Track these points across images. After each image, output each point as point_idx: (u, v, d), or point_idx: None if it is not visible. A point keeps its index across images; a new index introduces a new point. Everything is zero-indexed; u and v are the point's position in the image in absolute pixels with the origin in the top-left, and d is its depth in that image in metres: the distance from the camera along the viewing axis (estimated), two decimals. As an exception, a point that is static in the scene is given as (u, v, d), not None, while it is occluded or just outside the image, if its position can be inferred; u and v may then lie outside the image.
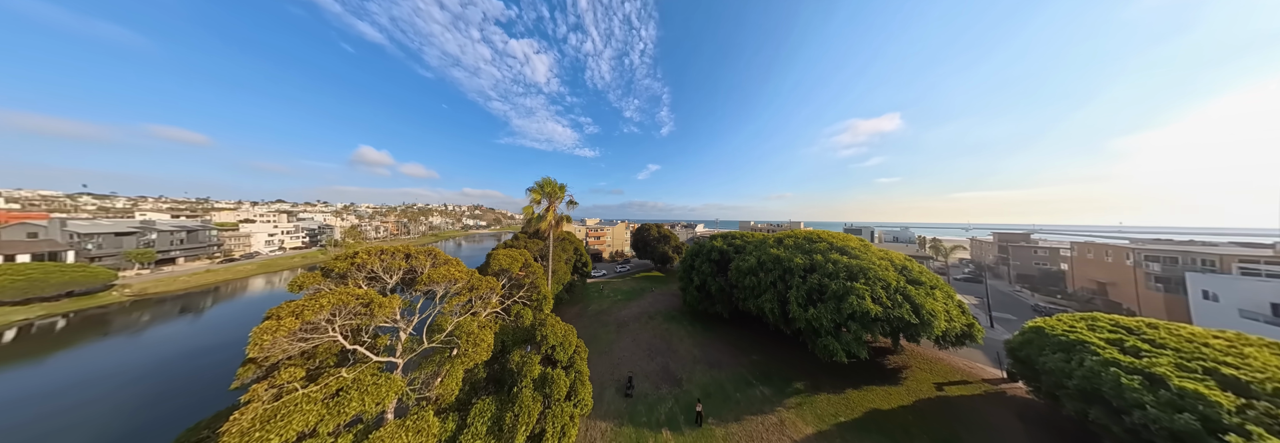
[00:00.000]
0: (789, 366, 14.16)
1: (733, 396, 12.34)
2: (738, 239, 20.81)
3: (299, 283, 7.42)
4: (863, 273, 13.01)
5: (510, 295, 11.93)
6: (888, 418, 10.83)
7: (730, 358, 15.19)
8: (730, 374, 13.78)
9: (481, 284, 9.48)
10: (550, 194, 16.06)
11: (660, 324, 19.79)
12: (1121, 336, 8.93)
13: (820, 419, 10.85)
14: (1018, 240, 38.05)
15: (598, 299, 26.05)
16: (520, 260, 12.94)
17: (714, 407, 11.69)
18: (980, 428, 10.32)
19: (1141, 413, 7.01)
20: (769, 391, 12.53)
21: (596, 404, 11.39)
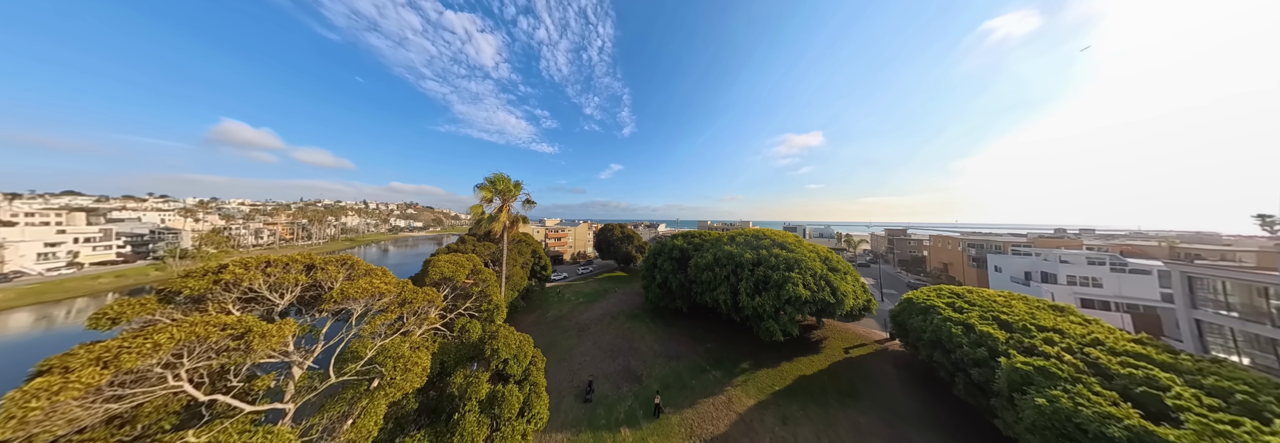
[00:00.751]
0: (737, 349, 15.57)
1: (689, 383, 13.04)
2: (696, 238, 22.00)
3: (112, 315, 5.09)
4: (797, 264, 15.06)
5: (454, 307, 10.39)
6: (810, 382, 12.88)
7: (688, 349, 15.99)
8: (687, 364, 14.53)
9: (417, 297, 8.01)
10: (503, 192, 14.42)
11: (623, 324, 19.72)
12: (953, 300, 12.26)
13: (760, 392, 12.28)
14: (899, 235, 49.51)
15: (558, 304, 24.73)
16: (467, 267, 11.38)
17: (672, 396, 12.20)
18: (871, 378, 13.06)
19: (960, 351, 9.77)
20: (720, 374, 13.61)
21: (554, 414, 10.81)
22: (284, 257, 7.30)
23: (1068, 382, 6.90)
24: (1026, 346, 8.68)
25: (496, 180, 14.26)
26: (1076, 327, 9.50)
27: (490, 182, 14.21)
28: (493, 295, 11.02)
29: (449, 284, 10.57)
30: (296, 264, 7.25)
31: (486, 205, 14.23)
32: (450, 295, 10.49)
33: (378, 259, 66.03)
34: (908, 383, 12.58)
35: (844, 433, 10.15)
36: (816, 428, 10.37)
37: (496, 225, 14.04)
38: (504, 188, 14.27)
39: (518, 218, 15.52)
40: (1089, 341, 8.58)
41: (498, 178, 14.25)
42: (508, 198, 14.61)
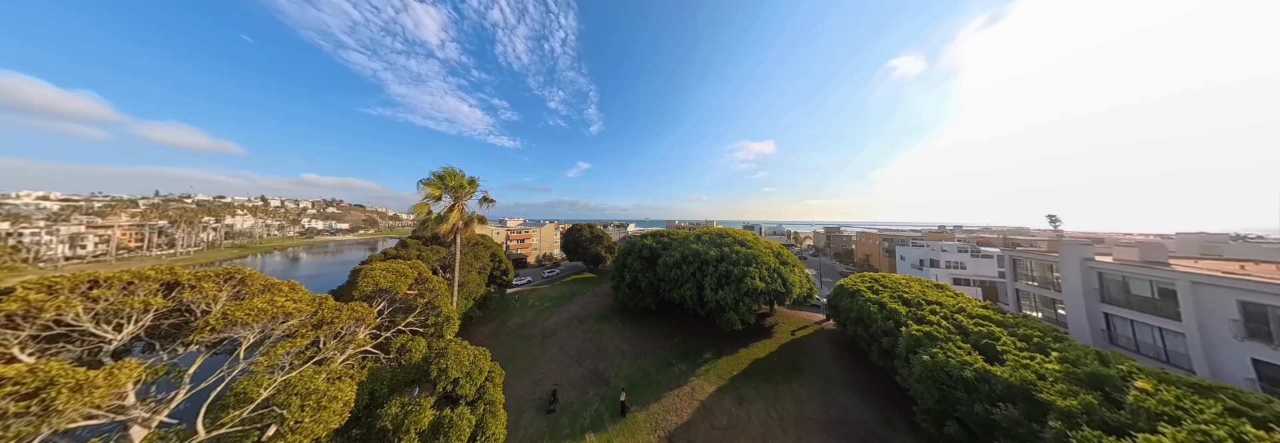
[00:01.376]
0: (701, 341, 16.40)
1: (655, 378, 13.31)
2: (665, 237, 22.51)
3: None
4: (755, 259, 16.41)
5: (393, 324, 8.83)
6: (763, 363, 14.24)
7: (655, 345, 16.31)
8: (654, 360, 14.82)
9: (339, 315, 6.55)
10: (455, 189, 12.62)
11: (591, 327, 19.22)
12: (872, 284, 14.77)
13: (720, 378, 13.17)
14: (834, 232, 58.17)
15: (520, 311, 23.05)
16: (409, 275, 9.78)
17: (639, 394, 12.32)
18: (811, 354, 14.99)
19: (876, 325, 11.90)
20: (685, 366, 14.19)
21: (513, 430, 10.15)
22: (125, 273, 5.29)
23: (943, 341, 8.80)
24: (919, 316, 10.83)
25: (446, 175, 12.46)
26: (950, 299, 12.21)
27: (439, 177, 12.35)
28: (442, 307, 9.65)
29: (386, 297, 8.95)
30: (147, 283, 5.32)
31: (434, 204, 12.37)
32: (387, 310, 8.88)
33: (284, 271, 53.26)
34: (838, 355, 14.72)
35: (788, 404, 11.44)
36: (766, 403, 11.48)
37: (446, 227, 12.22)
38: (456, 184, 12.46)
39: (473, 218, 13.80)
40: (956, 309, 11.09)
41: (448, 173, 12.46)
42: (461, 196, 12.87)
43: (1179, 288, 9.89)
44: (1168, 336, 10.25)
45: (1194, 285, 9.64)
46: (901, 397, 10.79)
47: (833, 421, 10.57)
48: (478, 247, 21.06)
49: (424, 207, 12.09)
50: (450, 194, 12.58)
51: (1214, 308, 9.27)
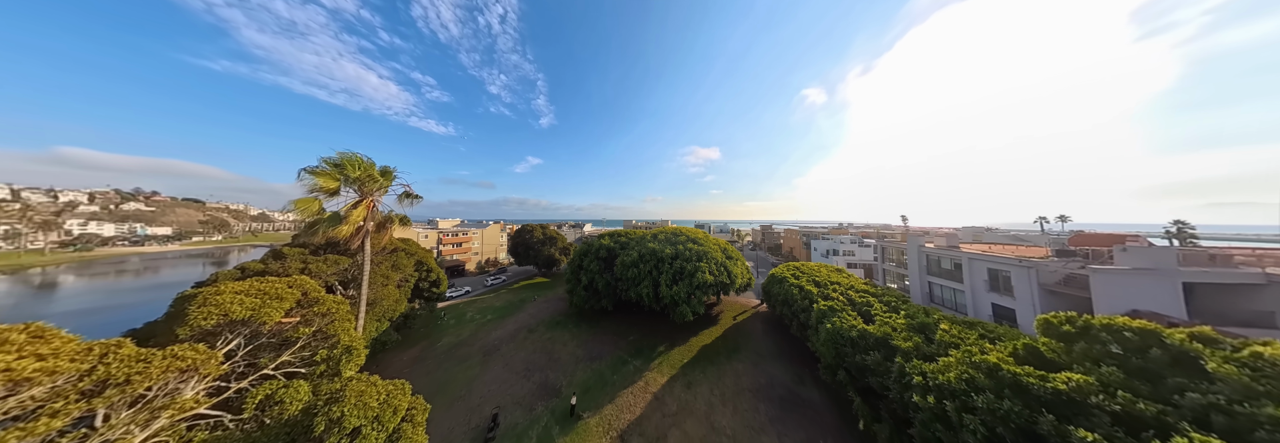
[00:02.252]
0: (656, 335, 17.08)
1: (610, 379, 13.26)
2: (623, 237, 22.53)
3: None
4: (705, 255, 17.82)
5: (257, 367, 6.42)
6: (709, 348, 15.73)
7: (611, 346, 16.25)
8: (609, 361, 14.76)
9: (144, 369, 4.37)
10: (362, 181, 9.68)
11: (542, 336, 17.96)
12: (795, 272, 17.83)
13: (672, 368, 13.97)
14: (768, 230, 68.17)
15: (456, 327, 19.95)
16: (286, 298, 7.27)
17: (593, 397, 12.09)
18: (748, 334, 17.21)
19: (796, 304, 14.50)
20: (640, 362, 14.55)
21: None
22: None
23: (840, 312, 11.25)
24: (825, 294, 13.57)
25: (347, 163, 9.45)
26: (845, 279, 15.67)
27: (335, 165, 9.31)
28: (339, 335, 7.49)
29: (243, 331, 6.43)
30: None
31: (327, 199, 9.40)
32: (247, 348, 6.40)
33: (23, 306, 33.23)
34: (768, 332, 17.31)
35: (728, 380, 12.90)
36: (711, 384, 12.68)
37: (347, 229, 9.30)
38: (362, 175, 9.51)
39: (391, 219, 10.98)
40: (848, 287, 14.31)
41: (349, 159, 9.46)
42: (371, 190, 10.04)
43: (963, 263, 14.80)
44: (957, 293, 15.28)
45: (969, 260, 14.56)
46: (811, 359, 13.33)
47: (761, 387, 12.35)
48: (398, 254, 17.04)
49: (311, 203, 9.03)
50: (355, 187, 9.78)
51: (976, 273, 14.20)
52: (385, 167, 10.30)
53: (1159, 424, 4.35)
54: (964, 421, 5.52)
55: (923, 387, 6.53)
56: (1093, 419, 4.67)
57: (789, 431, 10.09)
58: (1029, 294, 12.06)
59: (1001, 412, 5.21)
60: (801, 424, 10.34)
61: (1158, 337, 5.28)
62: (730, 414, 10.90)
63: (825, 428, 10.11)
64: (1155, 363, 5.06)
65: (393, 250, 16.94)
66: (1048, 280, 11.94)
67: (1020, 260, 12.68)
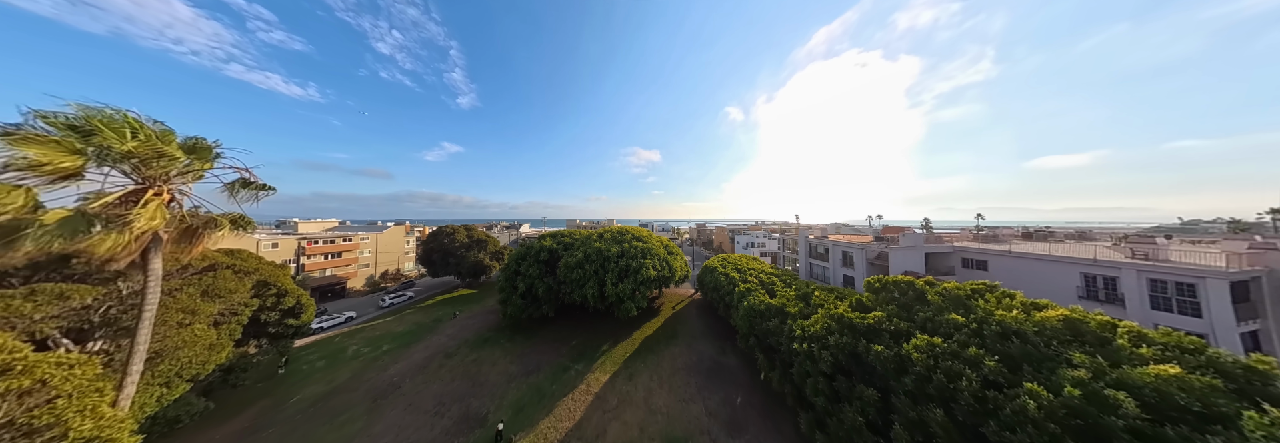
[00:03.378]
0: (600, 335, 17.25)
1: (549, 390, 12.54)
2: (566, 237, 21.67)
3: None
4: (649, 252, 18.95)
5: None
6: (651, 338, 16.88)
7: (551, 354, 15.50)
8: (549, 371, 14.00)
9: None
10: (140, 159, 6.15)
11: (465, 358, 15.42)
12: (723, 263, 20.97)
13: (615, 364, 14.32)
14: (702, 227, 76.52)
15: (326, 370, 14.86)
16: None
17: (528, 415, 11.10)
18: (685, 321, 19.23)
19: (723, 289, 17.21)
20: (583, 365, 14.30)
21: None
22: None
23: (754, 292, 13.96)
24: (745, 279, 16.52)
25: (102, 126, 5.77)
26: (758, 266, 19.45)
27: (71, 126, 5.55)
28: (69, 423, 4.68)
29: None
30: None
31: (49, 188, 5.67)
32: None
33: None
34: (701, 316, 19.83)
35: (665, 364, 14.18)
36: (650, 371, 13.60)
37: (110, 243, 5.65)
38: (141, 149, 5.96)
39: (213, 221, 7.28)
40: (761, 271, 17.85)
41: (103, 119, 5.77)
42: (159, 173, 6.47)
43: (830, 248, 20.33)
44: (826, 270, 20.88)
45: (833, 246, 20.13)
46: (732, 333, 15.98)
47: (692, 364, 14.09)
48: (217, 275, 11.42)
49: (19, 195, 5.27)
50: (130, 169, 6.24)
51: (835, 255, 19.78)
52: (197, 139, 6.95)
53: (907, 334, 7.22)
54: (820, 355, 7.77)
55: (801, 337, 8.82)
56: (881, 338, 7.35)
57: (711, 394, 11.81)
58: (861, 266, 17.65)
59: (838, 343, 7.59)
60: (722, 386, 12.28)
61: (911, 284, 8.69)
62: (665, 394, 11.93)
63: (739, 385, 12.32)
64: (909, 299, 8.33)
65: (209, 270, 11.43)
66: (871, 257, 17.76)
67: (858, 245, 18.43)
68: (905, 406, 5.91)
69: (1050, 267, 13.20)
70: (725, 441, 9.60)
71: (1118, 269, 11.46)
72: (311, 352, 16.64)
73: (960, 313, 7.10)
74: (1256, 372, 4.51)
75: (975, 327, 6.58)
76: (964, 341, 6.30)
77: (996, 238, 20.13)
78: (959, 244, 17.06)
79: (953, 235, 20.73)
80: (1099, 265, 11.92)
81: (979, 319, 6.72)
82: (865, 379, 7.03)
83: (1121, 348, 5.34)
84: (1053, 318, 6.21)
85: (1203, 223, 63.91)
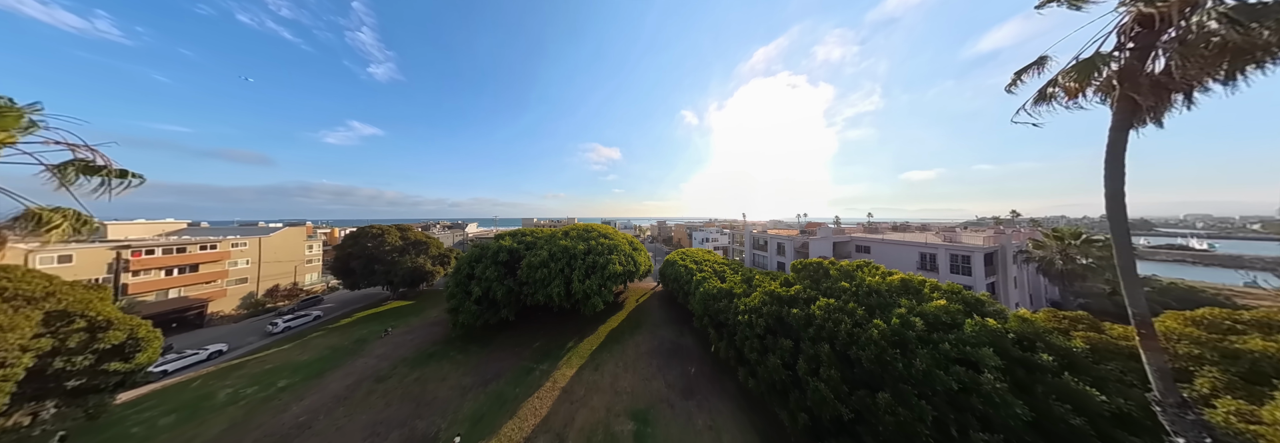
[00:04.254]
0: (565, 333, 17.37)
1: (511, 394, 11.98)
2: (527, 236, 20.95)
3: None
4: (615, 248, 19.76)
5: None
6: (617, 331, 17.79)
7: (512, 359, 14.83)
8: (510, 376, 13.32)
9: None
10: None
11: (404, 378, 13.48)
12: (682, 257, 23.21)
13: (581, 358, 14.66)
14: (663, 225, 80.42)
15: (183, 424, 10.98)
16: None
17: (490, 423, 10.44)
18: (648, 312, 20.78)
19: (682, 279, 19.31)
20: (547, 364, 14.08)
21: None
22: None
23: (709, 279, 16.17)
24: (701, 269, 18.78)
25: None
26: (712, 257, 22.16)
27: None
28: None
29: None
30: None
31: None
32: None
33: None
34: (663, 307, 21.65)
35: (630, 351, 15.28)
36: (615, 361, 14.32)
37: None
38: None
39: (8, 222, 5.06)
40: (714, 262, 20.48)
41: None
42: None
43: (768, 240, 24.39)
44: (766, 258, 24.98)
45: (771, 239, 24.21)
46: (689, 317, 17.98)
47: (654, 349, 15.56)
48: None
49: None
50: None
51: (773, 246, 23.90)
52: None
53: (814, 299, 9.80)
54: (756, 322, 9.90)
55: (743, 311, 10.95)
56: (798, 304, 9.79)
57: (670, 370, 13.39)
58: (790, 253, 21.83)
59: (769, 311, 9.82)
60: (679, 363, 13.98)
61: (820, 265, 11.60)
62: (630, 377, 12.98)
63: (694, 359, 14.25)
64: (819, 275, 11.16)
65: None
66: (797, 246, 22.08)
67: (789, 238, 22.69)
68: (807, 346, 8.22)
69: (903, 249, 18.77)
70: (680, 404, 11.12)
71: (936, 249, 17.09)
72: (149, 406, 11.99)
73: (847, 282, 9.98)
74: (981, 301, 7.92)
75: (854, 290, 9.42)
76: (847, 299, 9.01)
77: (877, 230, 27.22)
78: (854, 235, 22.62)
79: (851, 229, 27.16)
80: (926, 247, 17.56)
81: (857, 285, 9.61)
82: (785, 335, 9.32)
83: (926, 294, 8.53)
84: (895, 280, 9.39)
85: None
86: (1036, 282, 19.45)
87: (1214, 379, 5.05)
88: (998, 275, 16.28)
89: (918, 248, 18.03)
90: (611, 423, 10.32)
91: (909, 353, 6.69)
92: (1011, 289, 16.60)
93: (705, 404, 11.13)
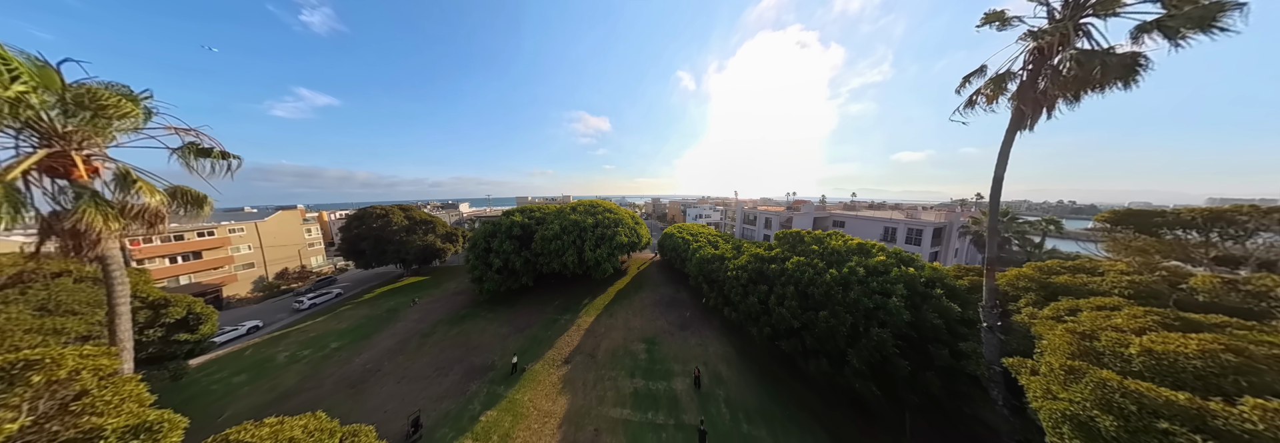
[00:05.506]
0: (579, 294, 20.51)
1: (544, 336, 15.08)
2: (536, 212, 22.58)
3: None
4: (620, 222, 21.87)
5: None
6: (623, 291, 21.15)
7: (537, 314, 17.87)
8: (540, 324, 16.52)
9: None
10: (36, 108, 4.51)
11: (447, 332, 16.05)
12: (680, 230, 25.78)
13: (597, 310, 18.22)
14: (657, 202, 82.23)
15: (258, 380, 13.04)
16: None
17: (532, 354, 13.55)
18: (649, 276, 24.10)
19: (680, 248, 22.15)
20: (570, 315, 17.49)
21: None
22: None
23: (704, 247, 18.91)
24: (696, 239, 21.48)
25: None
26: (706, 230, 24.84)
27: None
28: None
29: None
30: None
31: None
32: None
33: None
34: (662, 273, 24.90)
35: (637, 303, 18.92)
36: (625, 310, 18.07)
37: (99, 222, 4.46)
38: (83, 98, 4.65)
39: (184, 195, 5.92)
40: (709, 234, 23.14)
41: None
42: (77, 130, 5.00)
43: (757, 216, 27.12)
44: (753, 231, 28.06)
45: (759, 214, 26.93)
46: (686, 279, 21.29)
47: (656, 301, 19.16)
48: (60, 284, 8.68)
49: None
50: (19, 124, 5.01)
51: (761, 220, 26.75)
52: (118, 86, 5.79)
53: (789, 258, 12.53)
54: (741, 276, 12.73)
55: (733, 269, 13.72)
56: (776, 263, 12.54)
57: (670, 314, 17.18)
58: (775, 227, 24.83)
59: (753, 268, 12.58)
60: (677, 310, 17.74)
61: (798, 234, 14.20)
62: (639, 319, 16.67)
63: (688, 307, 17.99)
64: (796, 241, 13.81)
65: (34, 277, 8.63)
66: (782, 221, 25.04)
67: (776, 213, 25.47)
68: (778, 289, 11.14)
69: (871, 223, 21.92)
70: (678, 333, 14.96)
71: (897, 224, 20.25)
72: (215, 370, 13.99)
73: (817, 246, 12.67)
74: (911, 258, 10.83)
75: (821, 251, 12.15)
76: (814, 258, 11.75)
77: (855, 208, 30.37)
78: (832, 212, 25.62)
79: (833, 207, 30.22)
80: (890, 222, 20.74)
81: (824, 247, 12.32)
82: (763, 283, 12.24)
83: (873, 254, 11.33)
84: (853, 244, 12.14)
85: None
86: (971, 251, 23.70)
87: (1029, 297, 8.08)
88: (943, 245, 19.93)
89: (883, 223, 21.22)
90: (628, 346, 13.86)
91: (848, 289, 9.57)
92: (950, 256, 20.46)
93: (697, 333, 14.91)
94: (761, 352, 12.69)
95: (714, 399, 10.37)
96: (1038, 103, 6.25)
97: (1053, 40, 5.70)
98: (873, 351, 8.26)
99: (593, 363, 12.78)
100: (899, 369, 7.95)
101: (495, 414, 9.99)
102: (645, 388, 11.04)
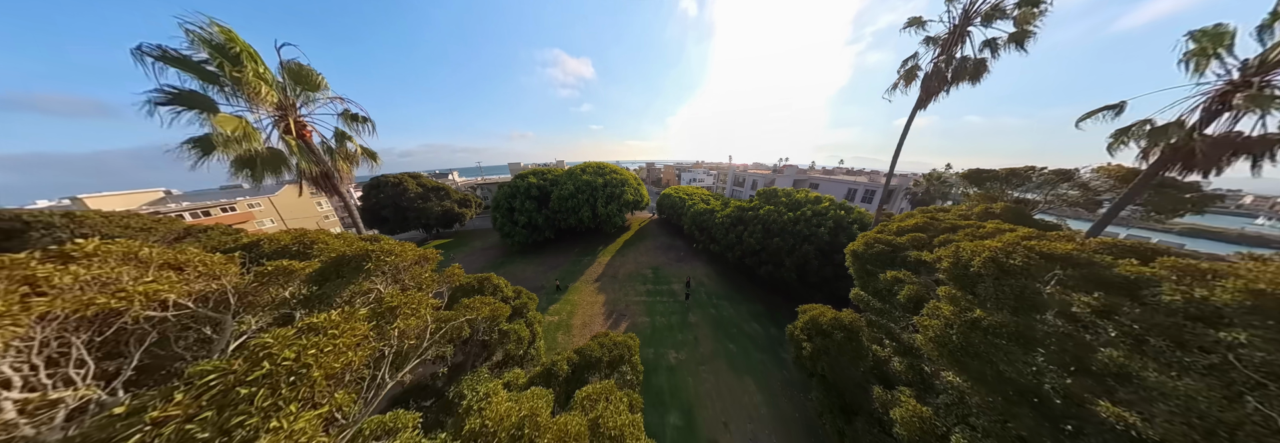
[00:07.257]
0: (594, 243, 25.56)
1: (573, 270, 20.47)
2: (548, 174, 25.64)
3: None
4: (625, 183, 25.45)
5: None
6: (630, 240, 26.42)
7: (562, 258, 22.76)
8: (567, 264, 21.53)
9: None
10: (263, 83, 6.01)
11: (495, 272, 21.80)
12: (677, 191, 29.71)
13: (611, 253, 23.42)
14: (651, 167, 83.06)
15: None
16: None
17: (570, 278, 19.15)
18: (650, 231, 29.29)
19: (678, 207, 26.70)
20: (590, 257, 22.73)
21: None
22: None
23: (698, 204, 23.30)
24: (692, 199, 25.73)
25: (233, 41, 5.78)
26: (700, 191, 28.99)
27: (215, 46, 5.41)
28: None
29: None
30: None
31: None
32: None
33: None
34: (661, 228, 30.01)
35: (642, 248, 24.30)
36: (634, 252, 23.45)
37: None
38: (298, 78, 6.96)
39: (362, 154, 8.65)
40: (702, 194, 27.32)
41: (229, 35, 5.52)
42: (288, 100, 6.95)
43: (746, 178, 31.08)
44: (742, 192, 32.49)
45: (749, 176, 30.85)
46: (681, 232, 26.35)
47: (658, 246, 24.68)
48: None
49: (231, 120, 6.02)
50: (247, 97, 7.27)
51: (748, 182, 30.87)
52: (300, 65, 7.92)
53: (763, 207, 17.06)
54: (726, 221, 17.46)
55: (721, 217, 18.32)
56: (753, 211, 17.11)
57: (669, 254, 22.90)
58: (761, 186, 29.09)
59: (734, 216, 17.20)
60: (674, 251, 23.45)
61: (773, 190, 18.47)
62: (645, 257, 22.35)
63: (684, 250, 23.61)
64: (771, 196, 18.19)
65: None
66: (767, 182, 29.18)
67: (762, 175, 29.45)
68: (750, 228, 15.99)
69: (839, 185, 26.52)
70: (675, 264, 20.86)
71: (858, 186, 24.90)
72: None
73: (785, 198, 17.09)
74: (848, 206, 15.54)
75: (788, 201, 16.64)
76: (781, 206, 16.29)
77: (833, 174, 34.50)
78: (810, 175, 29.82)
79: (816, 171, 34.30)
80: (854, 184, 25.41)
81: (790, 199, 16.77)
82: (742, 226, 17.06)
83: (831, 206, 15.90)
84: (813, 196, 16.61)
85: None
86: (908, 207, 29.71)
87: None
88: (890, 203, 25.20)
89: (847, 185, 25.89)
90: (639, 271, 19.66)
91: (796, 224, 14.41)
92: (896, 211, 26.10)
93: (688, 263, 20.85)
94: (732, 269, 18.63)
95: (697, 291, 16.61)
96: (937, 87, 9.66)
97: (949, 40, 8.83)
98: (801, 258, 13.52)
99: (615, 281, 18.50)
100: (811, 267, 13.37)
101: (559, 305, 15.67)
102: (654, 289, 17.24)
